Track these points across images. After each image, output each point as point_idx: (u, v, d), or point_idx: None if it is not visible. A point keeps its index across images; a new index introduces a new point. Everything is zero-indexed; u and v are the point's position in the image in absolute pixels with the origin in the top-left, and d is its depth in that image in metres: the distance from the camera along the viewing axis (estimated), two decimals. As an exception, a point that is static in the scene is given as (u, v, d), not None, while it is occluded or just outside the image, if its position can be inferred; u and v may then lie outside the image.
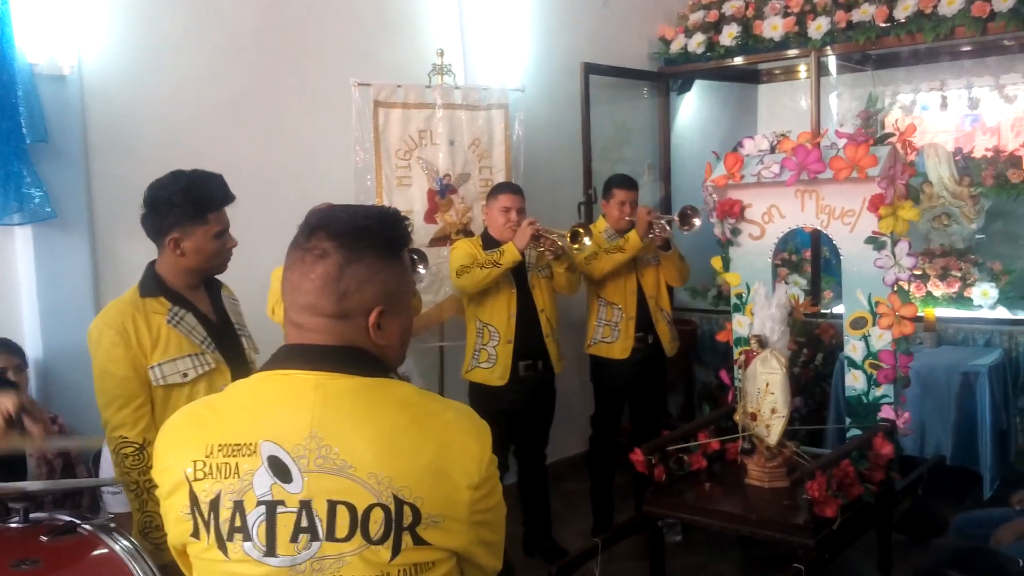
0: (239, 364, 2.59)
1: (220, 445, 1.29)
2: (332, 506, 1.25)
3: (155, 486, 2.45)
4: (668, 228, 4.23)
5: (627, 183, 4.42)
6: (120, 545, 2.21)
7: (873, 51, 5.53)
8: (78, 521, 2.30)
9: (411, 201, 4.38)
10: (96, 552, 2.21)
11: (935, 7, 4.89)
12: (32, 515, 2.34)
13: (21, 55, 3.32)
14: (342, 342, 1.33)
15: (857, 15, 5.19)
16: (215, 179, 2.53)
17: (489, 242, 4.05)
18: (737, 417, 3.49)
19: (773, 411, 3.32)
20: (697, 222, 4.19)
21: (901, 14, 5.02)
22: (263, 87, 4.18)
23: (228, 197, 2.54)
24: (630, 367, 4.40)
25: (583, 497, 4.72)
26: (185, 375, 2.49)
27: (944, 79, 5.94)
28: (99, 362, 2.48)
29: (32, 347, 3.45)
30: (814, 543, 2.99)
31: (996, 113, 5.79)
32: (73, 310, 3.45)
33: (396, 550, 1.25)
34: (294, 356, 1.34)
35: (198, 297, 2.60)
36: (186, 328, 2.51)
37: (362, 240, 1.33)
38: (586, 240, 3.97)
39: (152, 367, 2.46)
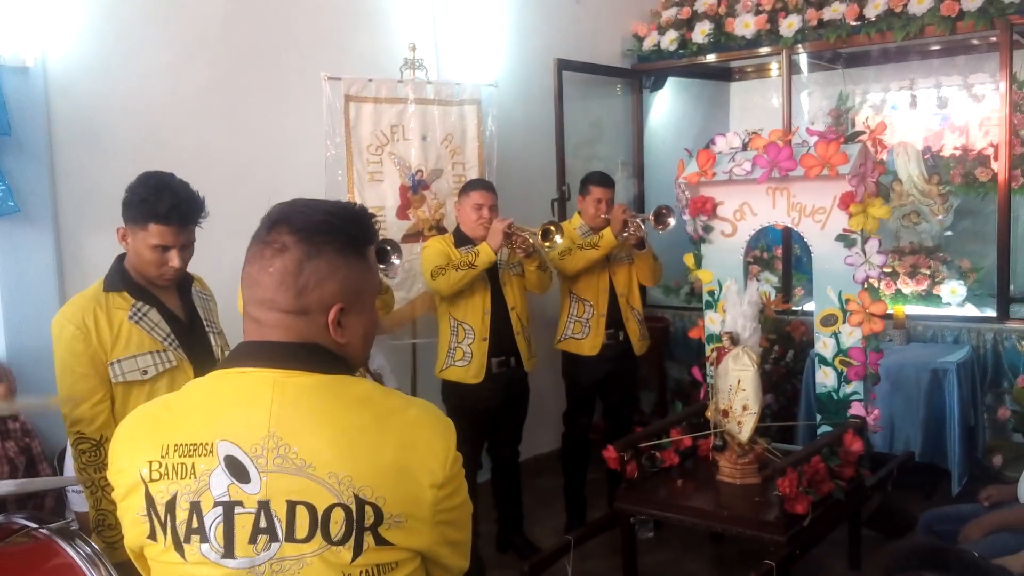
0: (206, 362, 2.55)
1: (176, 445, 1.26)
2: (291, 506, 1.22)
3: (111, 484, 2.42)
4: (643, 227, 4.24)
5: (604, 181, 4.42)
6: (79, 550, 2.15)
7: (844, 49, 5.58)
8: (35, 525, 2.24)
9: (383, 196, 4.34)
10: (52, 558, 2.14)
11: (905, 6, 4.94)
12: None
13: (-17, 47, 3.25)
14: (300, 339, 1.30)
15: (828, 13, 5.23)
16: (179, 195, 2.44)
17: (461, 239, 4.03)
18: (709, 414, 3.50)
19: (745, 408, 3.33)
20: (671, 221, 4.21)
21: (871, 12, 5.06)
22: (231, 80, 4.12)
23: (181, 218, 2.43)
24: (601, 364, 4.40)
25: (556, 494, 4.72)
26: (145, 372, 2.46)
27: (913, 78, 6.00)
28: (60, 356, 2.46)
29: (-5, 344, 3.38)
30: (785, 539, 3.00)
31: (964, 112, 5.85)
32: (37, 307, 3.38)
33: (358, 551, 1.23)
34: (251, 353, 1.31)
35: (166, 294, 2.57)
36: (148, 325, 2.48)
37: (323, 235, 1.30)
38: (557, 238, 3.97)
39: (111, 363, 2.44)
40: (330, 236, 1.31)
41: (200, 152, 3.86)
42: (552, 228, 3.96)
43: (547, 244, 3.98)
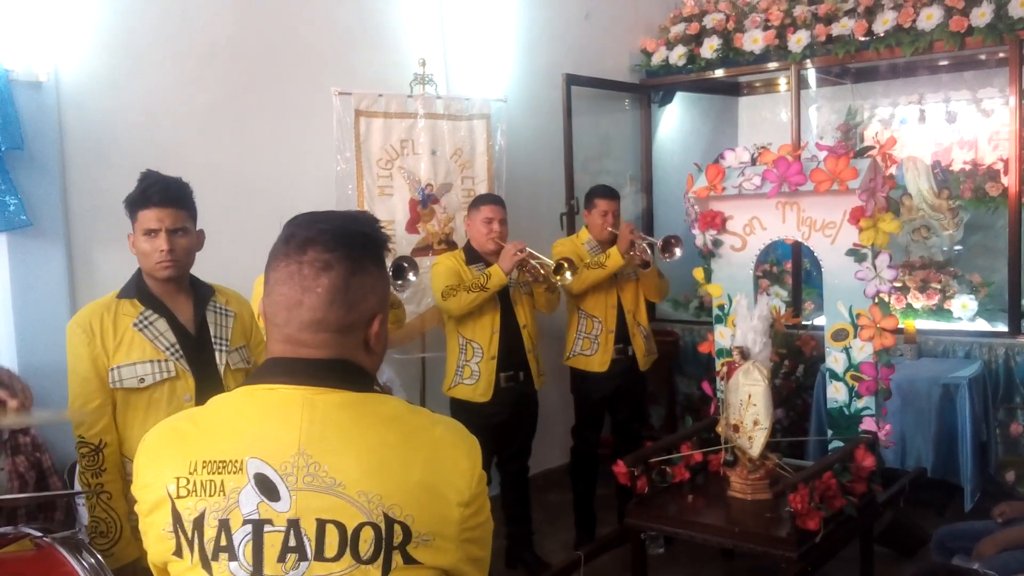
0: (208, 378, 2.54)
1: (204, 462, 1.25)
2: (321, 525, 1.22)
3: (107, 492, 2.40)
4: (649, 251, 4.23)
5: (609, 193, 4.42)
6: (83, 562, 2.14)
7: (852, 65, 5.58)
8: (39, 534, 2.23)
9: (393, 211, 4.35)
10: (54, 568, 2.12)
11: (914, 22, 4.94)
12: None
13: (-3, 62, 3.28)
14: (336, 355, 1.30)
15: (837, 29, 5.24)
16: (155, 178, 2.48)
17: (471, 254, 4.03)
18: (720, 429, 3.49)
19: (755, 423, 3.32)
20: (678, 252, 4.19)
21: (880, 28, 5.06)
22: (242, 95, 4.14)
23: (161, 196, 2.44)
24: (611, 379, 4.39)
25: (565, 509, 4.70)
26: (142, 380, 2.47)
27: (922, 93, 5.99)
28: (68, 359, 2.50)
29: (7, 357, 3.38)
30: (797, 555, 2.98)
31: (973, 127, 5.84)
32: (49, 320, 3.39)
33: (386, 569, 1.22)
34: (280, 370, 1.30)
35: (180, 305, 2.57)
36: (152, 333, 2.49)
37: (361, 248, 1.32)
38: (568, 275, 3.96)
39: (111, 369, 2.46)
40: (366, 249, 1.33)
41: (210, 167, 3.87)
42: (565, 264, 3.96)
43: (558, 278, 3.98)
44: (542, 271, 3.95)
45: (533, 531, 4.39)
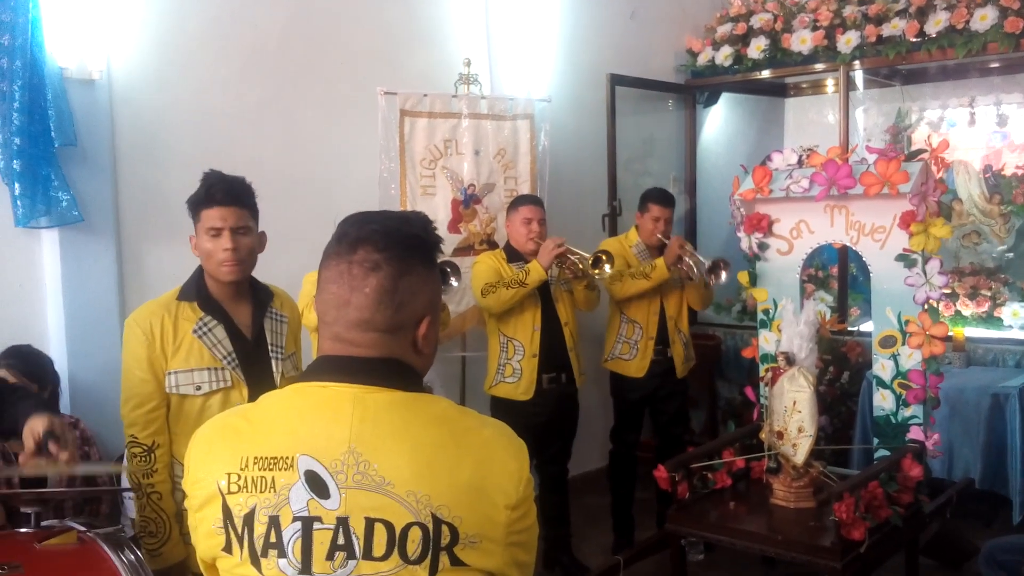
0: (263, 385, 2.47)
1: (256, 458, 1.26)
2: (370, 524, 1.22)
3: (157, 492, 2.42)
4: (695, 269, 4.18)
5: (664, 199, 4.37)
6: (122, 557, 2.16)
7: (902, 66, 5.47)
8: (83, 528, 2.26)
9: (435, 210, 4.36)
10: (95, 563, 2.14)
11: (967, 22, 4.84)
12: (44, 522, 2.31)
13: (51, 59, 3.33)
14: (386, 355, 1.30)
15: (887, 30, 5.14)
16: (218, 176, 2.44)
17: (511, 254, 4.03)
18: (763, 435, 3.44)
19: (800, 430, 3.26)
20: (724, 276, 4.13)
21: (932, 29, 4.96)
22: (290, 93, 4.18)
23: (225, 195, 2.40)
24: (650, 380, 4.37)
25: (604, 512, 4.67)
26: (198, 388, 2.45)
27: (973, 95, 5.87)
28: (124, 358, 2.48)
29: (57, 351, 3.44)
30: (841, 566, 2.93)
31: (1024, 130, 5.72)
32: (98, 315, 3.45)
33: (433, 570, 1.22)
34: (331, 368, 1.31)
35: (239, 309, 2.53)
36: (211, 341, 2.46)
37: (412, 250, 1.32)
38: (607, 267, 3.93)
39: (168, 373, 2.44)
40: (417, 250, 1.32)
41: (256, 164, 3.88)
42: (603, 257, 3.92)
43: (596, 272, 3.95)
44: (581, 266, 3.93)
45: (571, 534, 4.37)
